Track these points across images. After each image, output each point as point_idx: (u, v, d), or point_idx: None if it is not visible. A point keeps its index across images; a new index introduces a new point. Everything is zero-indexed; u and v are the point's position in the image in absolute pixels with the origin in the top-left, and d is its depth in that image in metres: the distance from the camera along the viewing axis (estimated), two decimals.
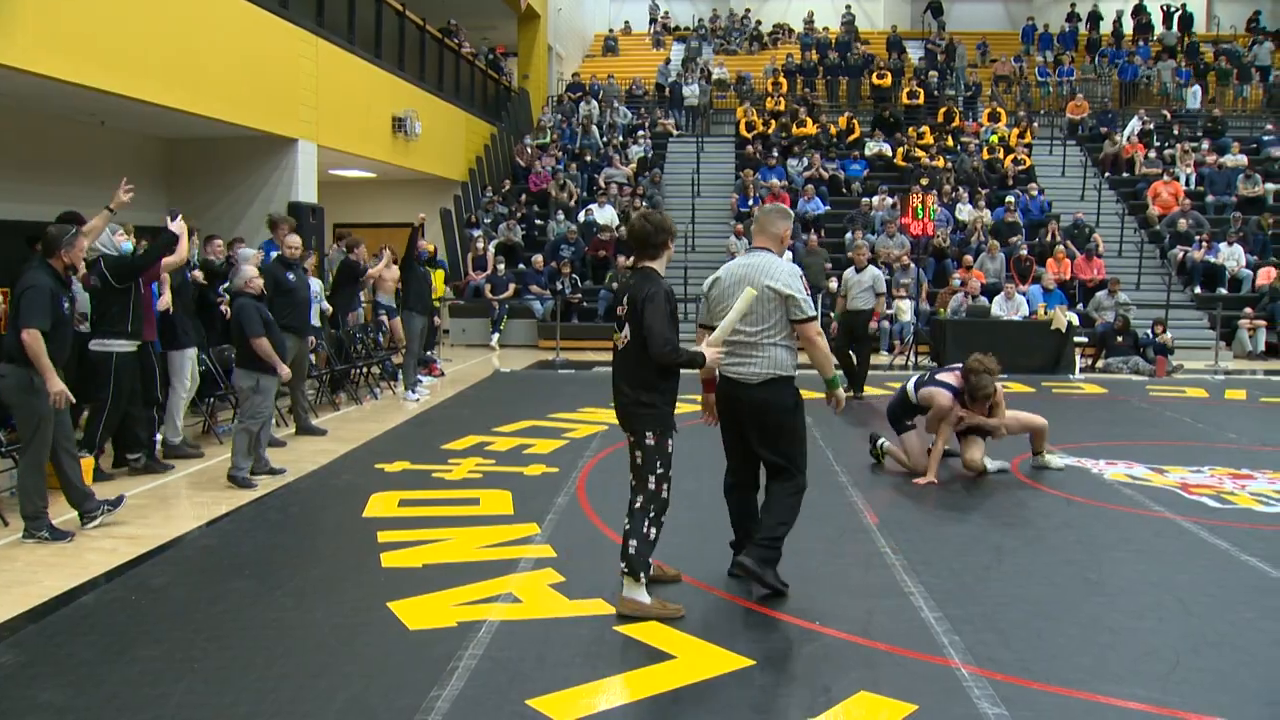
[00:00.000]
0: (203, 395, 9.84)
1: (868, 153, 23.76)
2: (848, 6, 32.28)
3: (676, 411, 5.06)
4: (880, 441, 8.71)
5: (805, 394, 5.34)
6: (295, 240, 10.02)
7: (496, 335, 18.82)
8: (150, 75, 11.08)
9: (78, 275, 6.95)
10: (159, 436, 8.81)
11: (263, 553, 6.19)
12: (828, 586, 5.49)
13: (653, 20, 33.98)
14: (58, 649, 4.65)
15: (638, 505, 4.99)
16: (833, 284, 16.57)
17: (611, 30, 34.14)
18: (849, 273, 12.96)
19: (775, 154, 23.42)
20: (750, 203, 21.34)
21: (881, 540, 6.38)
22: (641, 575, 4.94)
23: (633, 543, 4.93)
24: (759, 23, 33.22)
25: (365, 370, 13.10)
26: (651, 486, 4.98)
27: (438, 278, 17.42)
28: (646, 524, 4.97)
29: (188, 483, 8.14)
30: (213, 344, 10.20)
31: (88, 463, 7.43)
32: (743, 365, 5.22)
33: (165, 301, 8.69)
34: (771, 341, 5.18)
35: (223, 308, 10.15)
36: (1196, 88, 27.03)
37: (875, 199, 21.21)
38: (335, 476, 8.08)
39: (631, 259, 5.32)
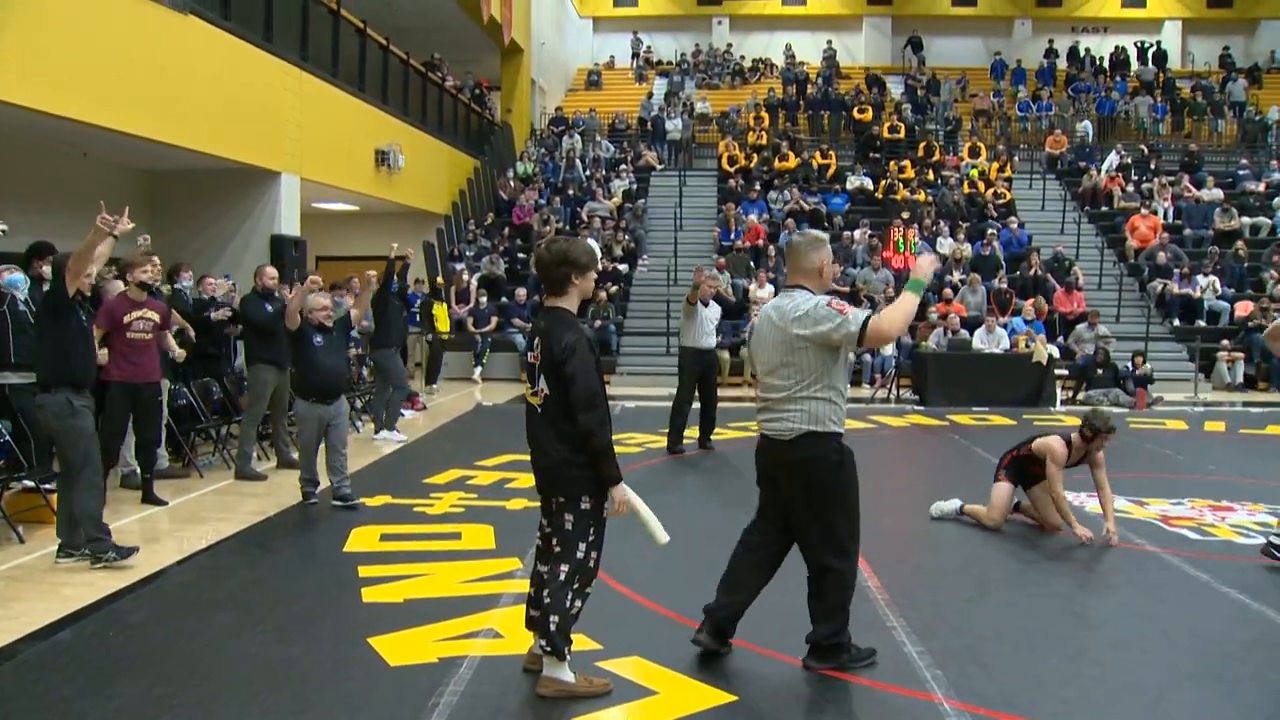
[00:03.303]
0: (184, 429, 9.78)
1: (849, 186, 23.94)
2: (829, 42, 32.63)
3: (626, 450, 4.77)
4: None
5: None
6: (272, 271, 10.02)
7: (479, 369, 18.81)
8: (133, 107, 11.10)
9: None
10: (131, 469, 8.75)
11: (243, 587, 6.15)
12: (809, 621, 5.47)
13: (635, 55, 34.26)
14: (34, 685, 4.60)
15: (561, 577, 4.39)
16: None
17: (595, 65, 34.39)
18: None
19: (757, 187, 23.59)
20: (732, 236, 21.49)
21: (862, 574, 6.38)
22: (566, 652, 4.41)
23: (553, 619, 4.35)
24: (741, 58, 33.55)
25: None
26: (580, 555, 4.40)
27: (440, 311, 17.50)
28: (570, 597, 4.41)
29: (168, 516, 8.09)
30: (199, 376, 10.18)
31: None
32: (778, 420, 4.66)
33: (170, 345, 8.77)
34: (808, 394, 4.59)
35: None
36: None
37: (857, 233, 21.35)
38: (316, 510, 8.04)
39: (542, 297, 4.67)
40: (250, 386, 9.81)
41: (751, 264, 20.47)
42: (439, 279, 19.64)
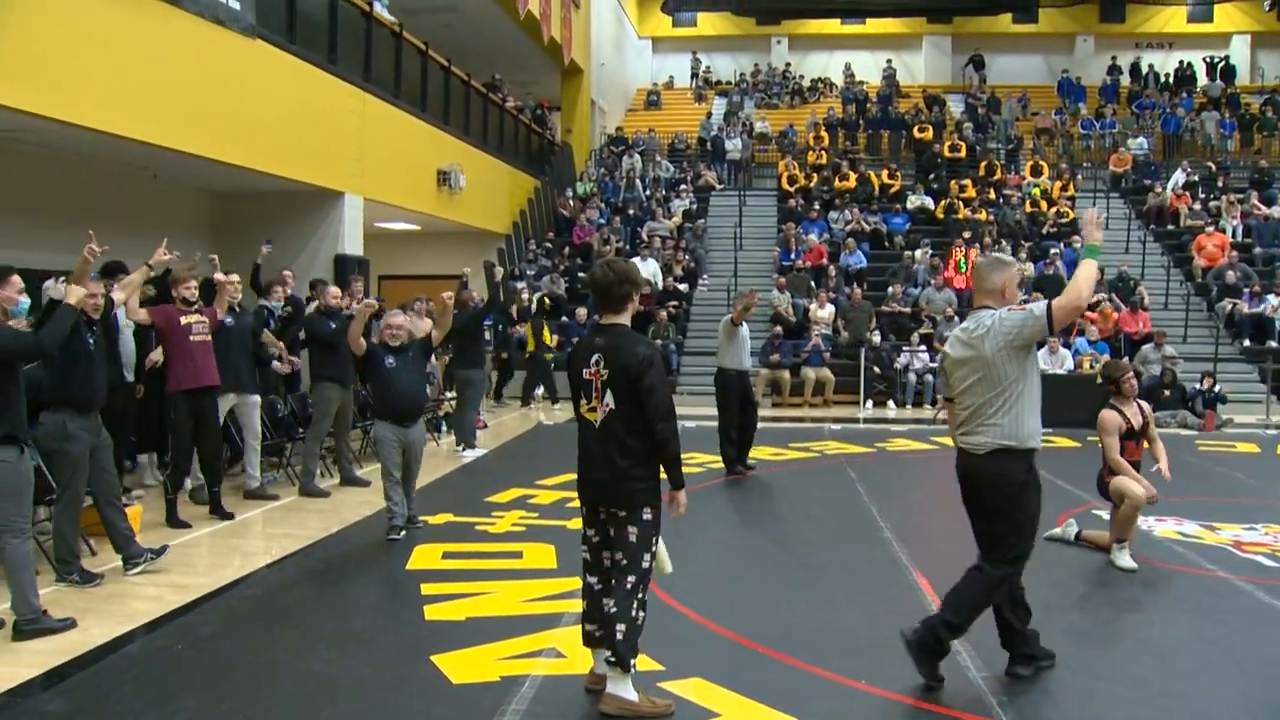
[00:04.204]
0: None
1: (909, 206, 23.76)
2: (888, 60, 32.46)
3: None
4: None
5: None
6: (335, 290, 10.14)
7: (540, 389, 18.87)
8: (201, 129, 11.28)
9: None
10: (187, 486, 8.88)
11: (307, 603, 6.21)
12: (874, 645, 5.41)
13: (694, 75, 34.31)
14: (105, 697, 4.68)
15: (628, 587, 4.48)
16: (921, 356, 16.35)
17: (654, 85, 34.48)
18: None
19: (817, 207, 23.45)
20: (792, 256, 21.38)
21: (928, 599, 6.30)
22: (632, 665, 4.45)
23: (620, 628, 4.40)
24: (800, 77, 33.43)
25: None
26: (645, 565, 4.52)
27: (546, 331, 17.83)
28: (635, 607, 4.48)
29: (234, 531, 8.20)
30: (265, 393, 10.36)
31: (134, 511, 7.52)
32: (973, 434, 4.85)
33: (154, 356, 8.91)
34: (1005, 406, 4.75)
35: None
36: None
37: (918, 252, 21.17)
38: (379, 527, 8.10)
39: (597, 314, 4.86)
40: (314, 404, 9.95)
41: (812, 284, 20.37)
42: (546, 298, 19.84)
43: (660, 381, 4.48)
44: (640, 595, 4.51)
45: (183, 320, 8.24)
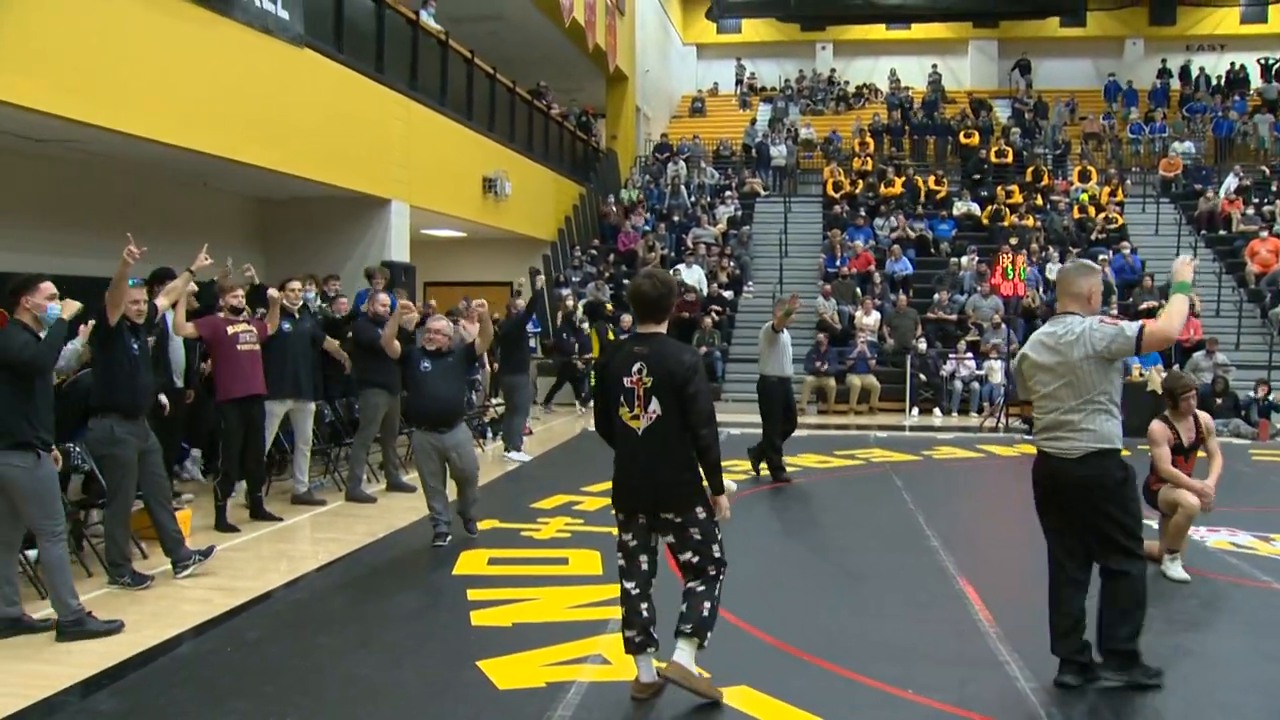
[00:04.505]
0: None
1: (956, 212, 23.56)
2: (934, 66, 32.23)
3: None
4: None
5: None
6: (384, 297, 10.17)
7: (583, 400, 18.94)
8: (250, 138, 11.41)
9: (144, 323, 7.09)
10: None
11: (353, 608, 6.25)
12: (920, 654, 5.37)
13: (739, 81, 34.26)
14: (157, 698, 4.74)
15: (711, 573, 4.70)
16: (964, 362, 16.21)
17: (699, 91, 34.46)
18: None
19: (863, 213, 23.31)
20: (837, 263, 21.26)
21: (974, 608, 6.23)
22: (706, 642, 4.65)
23: (706, 605, 4.65)
24: (846, 83, 33.30)
25: None
26: (719, 553, 4.71)
27: (611, 334, 18.29)
28: (718, 589, 4.73)
29: (280, 536, 8.28)
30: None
31: (184, 515, 7.61)
32: (1061, 440, 4.87)
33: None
34: (1091, 413, 4.81)
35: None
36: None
37: (964, 259, 21.00)
38: (425, 533, 8.11)
39: (633, 322, 5.02)
40: (361, 410, 10.02)
41: (858, 290, 20.25)
42: (608, 304, 19.95)
43: (704, 388, 4.61)
44: (721, 578, 4.73)
45: (230, 330, 8.35)
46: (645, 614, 4.66)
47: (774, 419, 10.89)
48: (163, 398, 8.26)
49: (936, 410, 18.00)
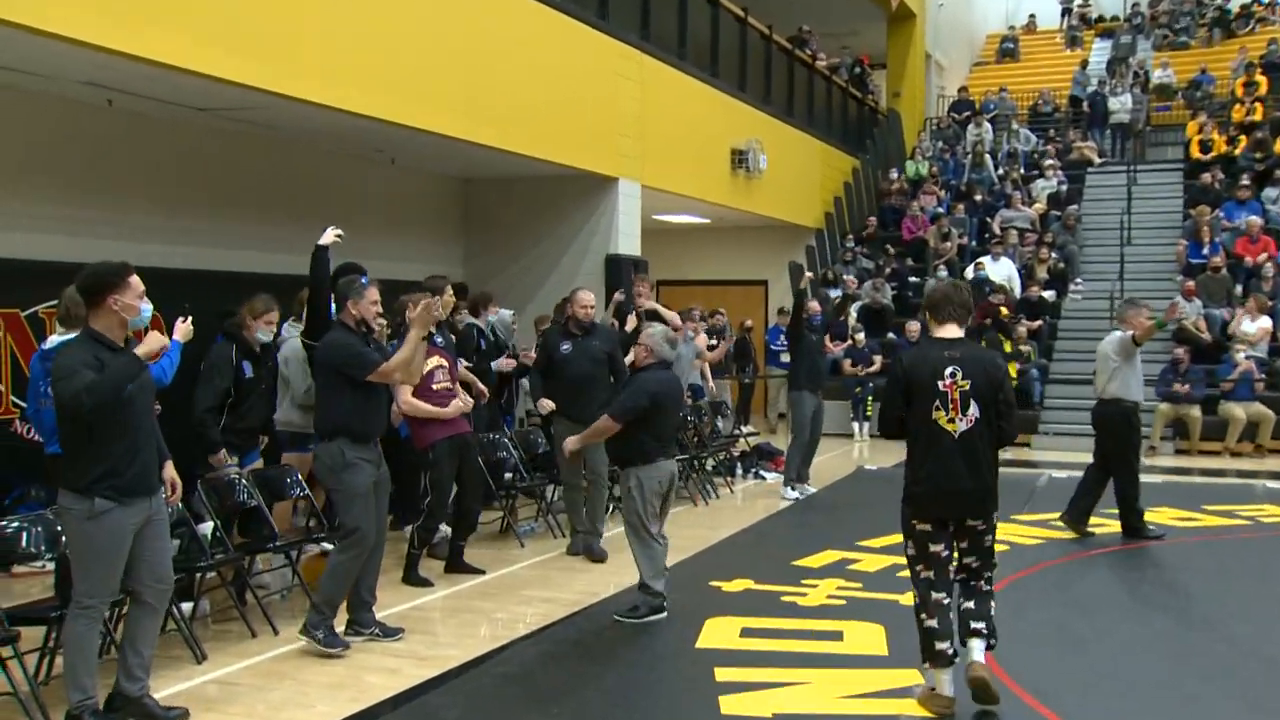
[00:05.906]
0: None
1: None
2: None
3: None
4: None
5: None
6: (588, 299, 9.96)
7: (864, 424, 18.77)
8: (441, 103, 11.61)
9: (373, 333, 7.40)
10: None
11: (572, 686, 6.35)
12: None
13: (1066, 11, 33.28)
14: None
15: (990, 573, 5.94)
16: None
17: (1010, 29, 33.70)
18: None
19: (1246, 182, 22.05)
20: (1205, 251, 20.19)
21: None
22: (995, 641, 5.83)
23: (992, 604, 5.89)
24: (1225, 1, 31.47)
25: (696, 464, 13.12)
26: (995, 560, 5.99)
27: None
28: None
29: (480, 592, 8.49)
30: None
31: None
32: None
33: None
34: None
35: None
36: None
37: None
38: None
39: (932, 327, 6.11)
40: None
41: (1237, 288, 19.22)
42: (867, 308, 20.10)
43: (1013, 395, 5.92)
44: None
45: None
46: (953, 623, 5.74)
47: (1135, 458, 10.49)
48: None
49: None
